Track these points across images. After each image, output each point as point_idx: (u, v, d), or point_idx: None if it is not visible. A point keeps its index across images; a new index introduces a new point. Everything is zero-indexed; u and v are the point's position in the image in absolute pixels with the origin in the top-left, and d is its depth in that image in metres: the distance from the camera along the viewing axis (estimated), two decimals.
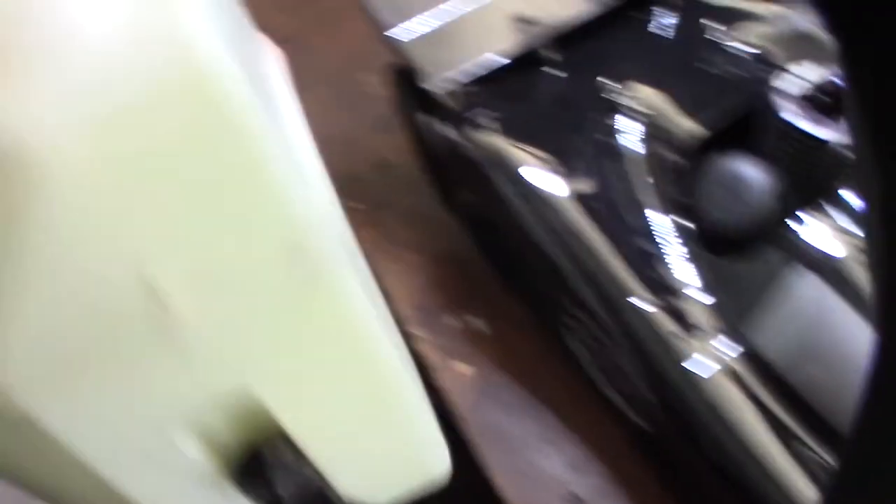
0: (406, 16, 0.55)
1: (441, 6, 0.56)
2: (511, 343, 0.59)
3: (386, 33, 0.55)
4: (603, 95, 0.56)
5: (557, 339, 0.57)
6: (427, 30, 0.55)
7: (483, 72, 0.56)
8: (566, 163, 0.54)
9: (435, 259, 0.63)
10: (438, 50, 0.56)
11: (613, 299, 0.50)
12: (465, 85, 0.56)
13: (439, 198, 0.64)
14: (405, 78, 0.58)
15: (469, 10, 0.57)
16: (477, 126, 0.55)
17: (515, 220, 0.54)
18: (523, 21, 0.57)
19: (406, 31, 0.55)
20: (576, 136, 0.55)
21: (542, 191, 0.53)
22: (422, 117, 0.57)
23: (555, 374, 0.58)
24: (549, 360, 0.58)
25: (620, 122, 0.55)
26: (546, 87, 0.57)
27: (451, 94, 0.55)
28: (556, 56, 0.57)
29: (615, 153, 0.54)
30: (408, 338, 0.59)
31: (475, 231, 0.60)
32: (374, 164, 0.69)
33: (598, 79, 0.56)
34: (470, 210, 0.59)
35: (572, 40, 0.57)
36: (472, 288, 0.62)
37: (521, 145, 0.54)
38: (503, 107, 0.56)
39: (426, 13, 0.56)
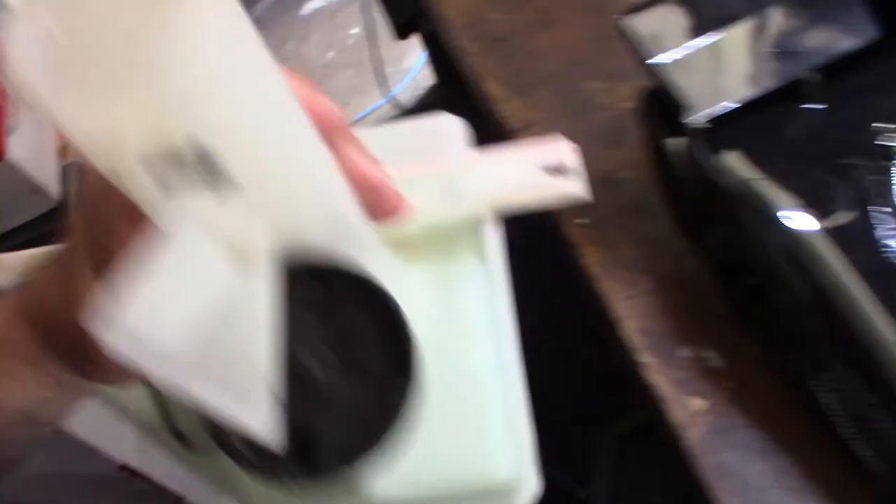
0: (668, 45, 0.54)
1: (703, 36, 0.54)
2: (746, 381, 0.58)
3: (648, 62, 0.53)
4: (871, 135, 0.53)
5: (799, 383, 0.56)
6: (689, 60, 0.54)
7: (742, 104, 0.54)
8: (827, 207, 0.51)
9: (667, 285, 0.62)
10: (699, 81, 0.54)
11: (880, 360, 0.48)
12: (723, 116, 0.54)
13: (675, 223, 0.62)
14: (657, 102, 0.57)
15: (731, 41, 0.54)
16: (732, 160, 0.53)
17: (766, 261, 0.52)
18: (786, 52, 0.55)
19: (668, 60, 0.53)
20: (840, 179, 0.52)
21: (797, 234, 0.51)
22: (672, 144, 0.56)
23: (794, 419, 0.56)
24: (789, 402, 0.56)
25: (892, 166, 0.52)
26: (807, 123, 0.54)
27: (708, 124, 0.54)
28: (820, 90, 0.54)
29: (885, 200, 0.51)
30: (638, 367, 0.59)
31: (715, 264, 0.59)
32: (601, 178, 0.68)
33: (866, 117, 0.53)
34: (713, 243, 0.58)
35: (837, 73, 0.54)
36: (706, 319, 0.60)
37: (778, 184, 0.52)
38: (761, 141, 0.54)
39: (689, 43, 0.54)
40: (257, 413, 0.25)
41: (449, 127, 0.45)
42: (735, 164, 0.53)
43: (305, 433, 0.28)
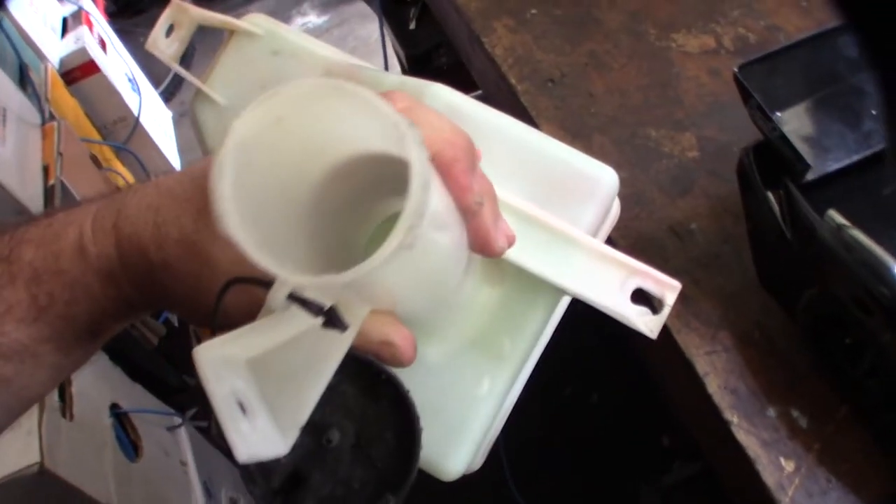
0: (780, 101, 0.53)
1: (813, 95, 0.53)
2: (834, 442, 0.57)
3: (774, 115, 0.52)
4: None
5: (892, 446, 0.55)
6: (801, 118, 0.53)
7: (851, 163, 0.53)
8: None
9: (747, 341, 0.61)
10: (809, 139, 0.53)
11: None
12: (831, 174, 0.53)
13: (761, 279, 0.61)
14: (761, 156, 0.56)
15: (839, 101, 0.54)
16: (841, 216, 0.52)
17: (872, 318, 0.52)
18: None
19: (782, 116, 0.53)
20: None
21: None
22: (775, 198, 0.55)
23: (883, 481, 0.55)
24: (878, 464, 0.55)
25: None
26: None
27: (816, 181, 0.53)
28: None
29: None
30: (725, 424, 0.57)
31: (803, 322, 0.57)
32: (671, 229, 0.67)
33: None
34: (807, 301, 0.57)
35: None
36: (790, 378, 0.59)
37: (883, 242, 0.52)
38: (863, 200, 0.54)
39: (801, 101, 0.53)
40: (281, 439, 0.30)
41: (602, 178, 0.43)
42: (845, 220, 0.52)
43: (299, 477, 0.32)
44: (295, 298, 0.28)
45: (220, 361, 0.29)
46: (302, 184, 0.31)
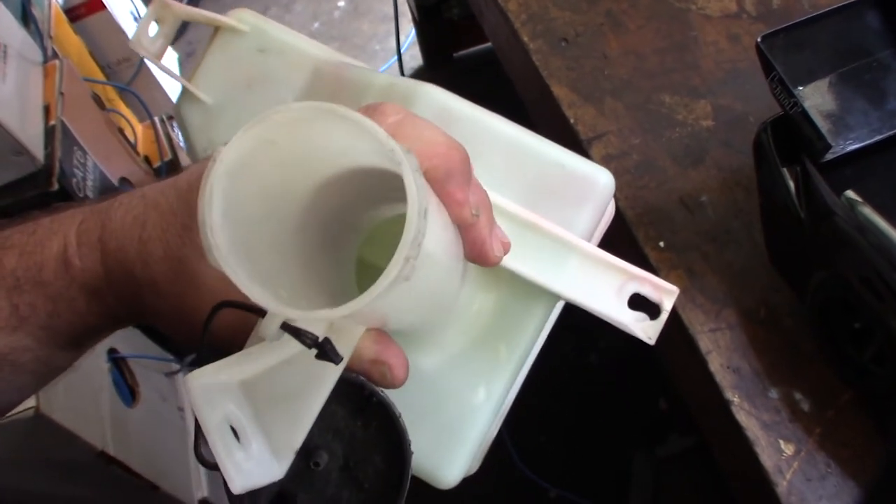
0: (804, 76, 0.51)
1: (837, 71, 0.51)
2: (835, 427, 0.56)
3: (796, 90, 0.50)
4: None
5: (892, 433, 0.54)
6: (823, 94, 0.51)
7: (871, 143, 0.51)
8: None
9: (751, 320, 0.60)
10: (830, 116, 0.51)
11: None
12: (850, 153, 0.51)
13: (771, 257, 0.59)
14: (779, 131, 0.53)
15: (863, 78, 0.52)
16: (857, 196, 0.50)
17: (882, 301, 0.50)
18: None
19: (811, 94, 0.50)
20: None
21: None
22: (792, 175, 0.53)
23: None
24: (877, 451, 0.54)
25: None
26: None
27: (835, 159, 0.51)
28: None
29: None
30: (726, 404, 0.56)
31: (811, 304, 0.56)
32: (680, 199, 0.65)
33: None
34: (815, 282, 0.55)
35: None
36: (794, 360, 0.58)
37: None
38: (882, 181, 0.52)
39: (824, 76, 0.51)
40: (276, 463, 0.29)
41: (599, 180, 0.42)
42: (861, 201, 0.50)
43: (285, 497, 0.32)
44: (288, 328, 0.27)
45: (212, 386, 0.29)
46: (290, 202, 0.30)
